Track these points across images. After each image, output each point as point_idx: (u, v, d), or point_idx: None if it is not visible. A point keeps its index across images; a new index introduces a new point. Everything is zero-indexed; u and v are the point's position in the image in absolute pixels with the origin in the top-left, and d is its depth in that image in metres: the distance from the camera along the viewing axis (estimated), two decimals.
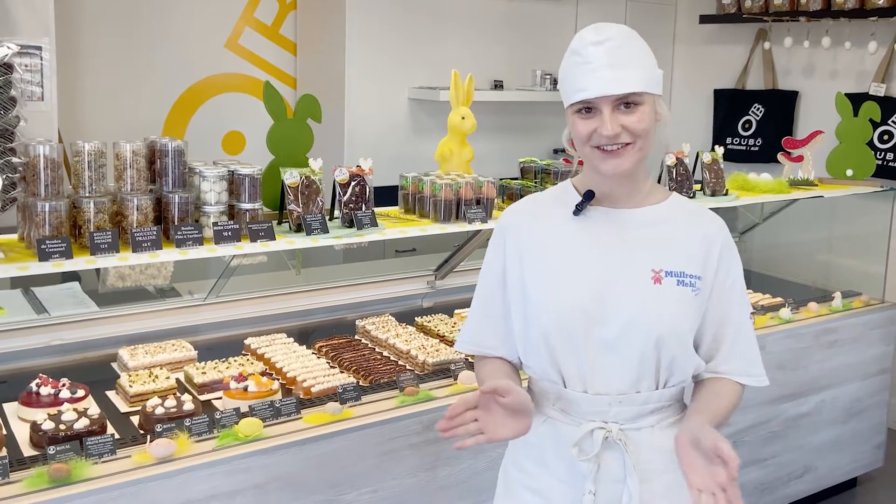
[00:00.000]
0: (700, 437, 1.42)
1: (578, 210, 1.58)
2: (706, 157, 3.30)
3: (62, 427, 2.05)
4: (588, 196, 1.59)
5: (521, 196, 2.50)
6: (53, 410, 2.14)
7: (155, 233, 2.07)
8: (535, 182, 3.05)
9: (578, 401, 1.57)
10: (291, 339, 2.79)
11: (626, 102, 1.50)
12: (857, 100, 3.76)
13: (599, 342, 1.54)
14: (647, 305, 1.53)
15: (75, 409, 2.13)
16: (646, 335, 1.52)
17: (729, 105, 5.19)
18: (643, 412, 1.57)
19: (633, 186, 1.59)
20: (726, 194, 3.31)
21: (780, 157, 3.73)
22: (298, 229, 2.34)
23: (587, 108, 1.52)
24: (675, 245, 1.58)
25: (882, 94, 4.40)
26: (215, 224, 2.18)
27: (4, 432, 2.08)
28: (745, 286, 1.66)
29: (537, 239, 1.61)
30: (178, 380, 2.48)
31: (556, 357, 1.57)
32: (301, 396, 2.39)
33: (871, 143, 3.79)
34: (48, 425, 2.05)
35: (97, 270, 2.83)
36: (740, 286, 1.63)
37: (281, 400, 2.26)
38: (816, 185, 3.64)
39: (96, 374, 2.50)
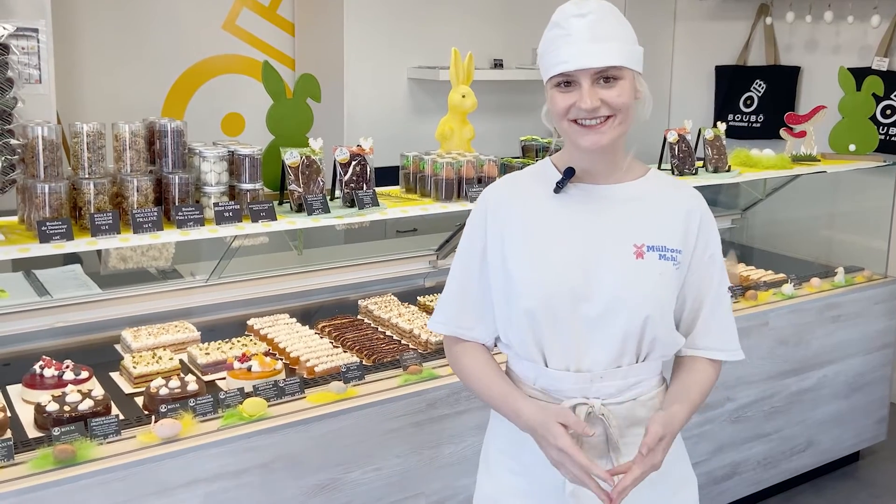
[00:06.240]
0: (659, 433, 1.47)
1: (559, 188, 1.57)
2: (708, 134, 3.29)
3: (66, 408, 2.05)
4: (568, 173, 1.57)
5: None
6: (57, 392, 2.15)
7: (156, 214, 2.06)
8: (537, 160, 3.03)
9: (560, 379, 1.56)
10: (294, 320, 2.79)
11: (606, 77, 1.48)
12: (859, 74, 3.73)
13: (584, 319, 1.53)
14: (631, 280, 1.53)
15: (79, 391, 2.13)
16: (630, 310, 1.52)
17: (730, 81, 5.15)
18: (624, 386, 1.57)
19: (612, 163, 1.58)
20: (729, 170, 3.29)
21: (782, 132, 3.71)
22: (299, 209, 2.33)
23: (566, 82, 1.50)
24: (656, 220, 1.58)
25: (885, 69, 4.37)
26: (216, 205, 2.18)
27: (9, 414, 2.08)
28: (723, 261, 1.66)
29: (518, 217, 1.60)
30: (181, 361, 2.48)
31: (539, 336, 1.56)
32: (305, 376, 2.40)
33: (873, 118, 3.77)
34: (52, 407, 2.05)
35: (98, 252, 2.83)
36: (719, 260, 1.64)
37: (285, 380, 2.26)
38: (819, 161, 3.62)
39: (100, 356, 2.50)
